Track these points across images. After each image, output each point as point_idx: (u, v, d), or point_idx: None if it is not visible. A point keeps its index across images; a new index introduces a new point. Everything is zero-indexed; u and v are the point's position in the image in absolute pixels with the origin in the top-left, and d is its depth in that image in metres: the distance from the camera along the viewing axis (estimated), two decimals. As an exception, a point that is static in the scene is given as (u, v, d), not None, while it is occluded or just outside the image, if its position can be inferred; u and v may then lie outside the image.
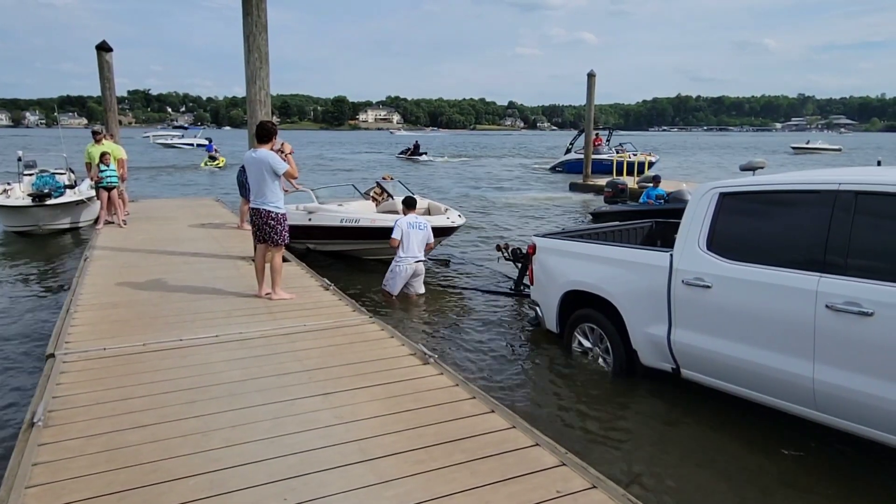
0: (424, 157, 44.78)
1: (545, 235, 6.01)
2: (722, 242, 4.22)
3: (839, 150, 56.59)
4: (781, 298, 3.73)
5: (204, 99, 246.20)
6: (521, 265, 8.15)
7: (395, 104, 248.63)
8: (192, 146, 55.74)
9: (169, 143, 59.72)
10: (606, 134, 32.82)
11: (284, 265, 6.91)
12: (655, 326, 4.58)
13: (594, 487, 2.86)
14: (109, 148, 11.60)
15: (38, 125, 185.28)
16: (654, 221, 6.73)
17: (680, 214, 4.65)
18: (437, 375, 4.30)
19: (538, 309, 5.91)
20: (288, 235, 6.44)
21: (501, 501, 2.76)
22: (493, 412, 3.69)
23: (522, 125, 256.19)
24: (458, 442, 3.30)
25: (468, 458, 3.13)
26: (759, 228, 4.10)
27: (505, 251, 8.41)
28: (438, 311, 7.55)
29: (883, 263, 3.37)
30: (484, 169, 37.17)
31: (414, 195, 10.96)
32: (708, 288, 4.17)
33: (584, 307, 5.35)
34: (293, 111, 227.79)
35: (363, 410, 3.71)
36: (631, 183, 16.36)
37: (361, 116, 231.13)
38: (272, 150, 6.25)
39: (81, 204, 12.66)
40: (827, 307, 3.48)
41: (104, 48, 13.13)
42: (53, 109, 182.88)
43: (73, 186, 13.31)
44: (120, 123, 13.88)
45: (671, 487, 3.58)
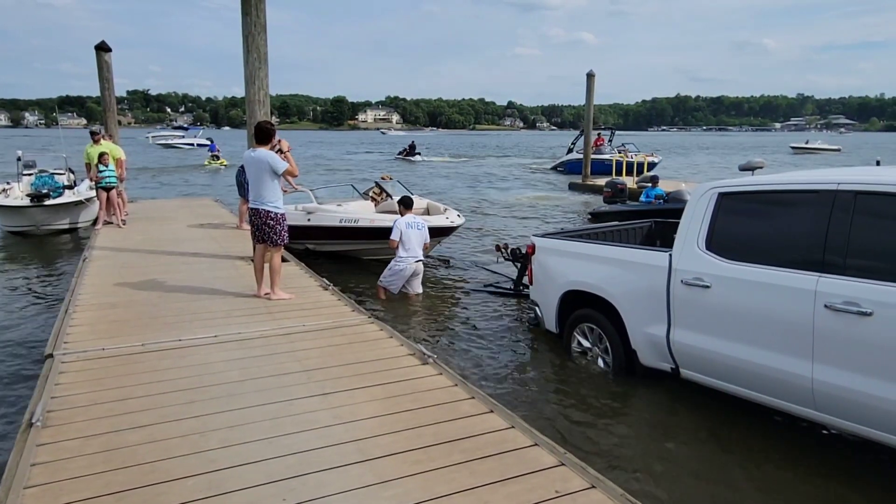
0: (418, 157, 44.22)
1: (544, 235, 6.02)
2: (721, 242, 4.22)
3: (838, 149, 56.61)
4: (780, 298, 3.73)
5: (203, 99, 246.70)
6: (520, 265, 8.15)
7: (394, 104, 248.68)
8: (192, 146, 55.68)
9: (169, 143, 59.59)
10: (609, 134, 32.45)
11: (283, 265, 6.91)
12: (654, 326, 4.58)
13: (593, 487, 2.86)
14: (108, 148, 11.58)
15: (37, 125, 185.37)
16: (653, 221, 6.73)
17: (679, 214, 4.66)
18: (436, 375, 4.30)
19: (537, 309, 5.91)
20: (287, 235, 6.44)
21: (500, 501, 2.75)
22: (491, 412, 3.69)
23: (522, 125, 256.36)
24: (456, 442, 3.30)
25: (467, 458, 3.13)
26: (758, 228, 4.10)
27: (504, 251, 8.40)
28: (437, 311, 7.55)
29: (882, 263, 3.37)
30: (482, 169, 37.15)
31: (412, 195, 11.00)
32: (707, 288, 4.17)
33: (583, 307, 5.35)
34: (292, 111, 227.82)
35: (362, 410, 3.70)
36: (630, 183, 16.36)
37: (361, 117, 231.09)
38: (272, 149, 6.27)
39: (80, 204, 12.62)
40: (826, 307, 3.48)
41: (103, 48, 13.12)
42: (53, 110, 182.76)
43: (72, 187, 13.29)
44: (119, 124, 13.87)
45: (670, 487, 3.58)
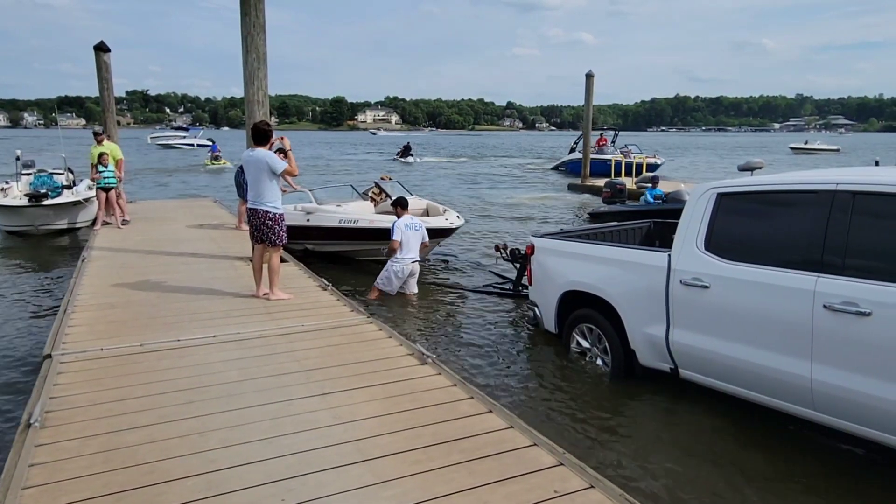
0: (411, 158, 43.20)
1: (544, 236, 6.01)
2: (720, 242, 4.22)
3: (837, 150, 56.67)
4: (779, 298, 3.73)
5: (202, 99, 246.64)
6: (519, 265, 8.15)
7: (393, 104, 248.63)
8: (192, 146, 55.69)
9: (169, 143, 59.58)
10: (612, 135, 31.91)
11: (282, 265, 6.91)
12: (654, 326, 4.58)
13: (592, 487, 2.86)
14: (109, 149, 11.60)
15: (36, 125, 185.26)
16: (652, 222, 6.73)
17: (678, 215, 4.66)
18: (435, 375, 4.30)
19: (536, 309, 5.91)
20: (286, 236, 6.44)
21: (499, 501, 2.75)
22: (490, 412, 3.69)
23: (521, 125, 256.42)
24: (456, 442, 3.30)
25: (466, 458, 3.13)
26: (757, 228, 4.10)
27: (503, 251, 8.40)
28: (436, 311, 7.55)
29: (881, 263, 3.37)
30: (481, 170, 37.14)
31: (412, 195, 11.00)
32: (706, 288, 4.17)
33: (582, 307, 5.35)
34: (291, 112, 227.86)
35: (361, 410, 3.70)
36: (629, 184, 16.37)
37: (360, 117, 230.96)
38: (270, 148, 6.28)
39: (79, 204, 12.60)
40: (825, 307, 3.49)
41: (102, 49, 13.09)
42: (52, 110, 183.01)
43: (70, 187, 13.28)
44: (118, 124, 13.86)
45: (669, 487, 3.58)
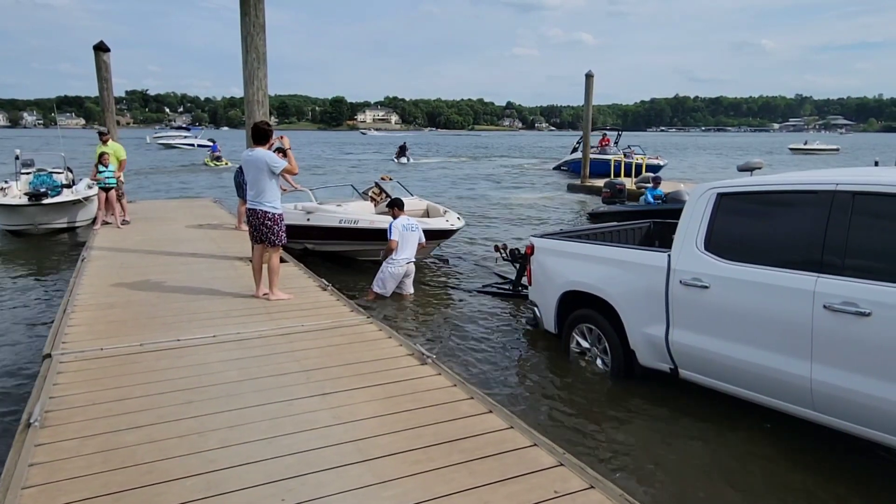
0: (404, 160, 42.50)
1: (543, 236, 6.01)
2: (719, 243, 4.22)
3: (837, 149, 56.70)
4: (779, 299, 3.73)
5: (202, 99, 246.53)
6: (519, 265, 8.15)
7: (393, 104, 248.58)
8: (192, 146, 55.77)
9: (171, 143, 59.60)
10: (615, 135, 31.36)
11: (282, 265, 6.90)
12: (653, 327, 4.58)
13: (592, 488, 2.86)
14: (113, 149, 11.63)
15: (35, 125, 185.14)
16: (651, 222, 6.73)
17: (678, 215, 4.66)
18: (435, 376, 4.30)
19: (536, 309, 5.91)
20: (285, 236, 6.43)
21: (500, 501, 2.75)
22: (491, 412, 3.68)
23: (521, 125, 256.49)
24: (456, 442, 3.30)
25: (466, 458, 3.12)
26: (756, 229, 4.11)
27: (503, 251, 8.40)
28: (436, 311, 7.55)
29: (880, 264, 3.37)
30: (481, 170, 37.15)
31: (412, 196, 11.01)
32: (706, 288, 4.17)
33: (582, 307, 5.35)
34: (291, 112, 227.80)
35: (361, 411, 3.70)
36: (629, 184, 16.38)
37: (360, 117, 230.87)
38: (270, 148, 6.28)
39: (78, 203, 12.62)
40: (824, 307, 3.49)
41: (102, 48, 13.11)
42: (51, 110, 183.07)
43: (70, 186, 13.29)
44: (118, 124, 13.87)
45: (669, 487, 3.58)
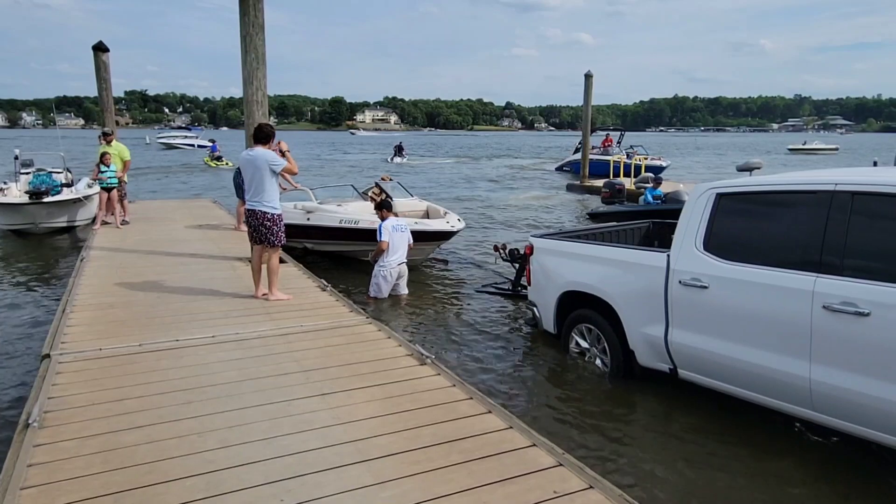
0: (398, 160, 42.35)
1: (543, 236, 6.01)
2: (719, 243, 4.22)
3: (836, 149, 56.74)
4: (778, 299, 3.73)
5: (201, 99, 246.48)
6: (518, 265, 8.15)
7: (392, 105, 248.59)
8: (192, 147, 55.85)
9: (172, 143, 59.63)
10: (618, 136, 30.89)
11: (281, 266, 6.90)
12: (652, 327, 4.58)
13: (591, 488, 2.86)
14: (117, 149, 11.64)
15: (34, 126, 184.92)
16: (651, 222, 6.73)
17: (677, 215, 4.66)
18: (434, 376, 4.30)
19: (535, 309, 5.91)
20: (284, 236, 6.43)
21: (499, 502, 2.75)
22: (490, 413, 3.68)
23: (520, 126, 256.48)
24: (455, 442, 3.30)
25: (465, 458, 3.13)
26: (755, 229, 4.11)
27: (502, 251, 8.40)
28: (436, 311, 7.54)
29: (879, 264, 3.37)
30: (480, 170, 37.14)
31: (412, 197, 11.01)
32: (705, 288, 4.18)
33: (581, 308, 5.35)
34: (290, 112, 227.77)
35: (360, 411, 3.70)
36: (628, 184, 16.38)
37: (359, 117, 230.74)
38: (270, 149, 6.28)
39: (78, 202, 12.64)
40: (824, 307, 3.49)
41: (100, 49, 13.11)
42: (50, 110, 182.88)
43: (70, 185, 13.29)
44: (117, 124, 13.86)
45: (668, 487, 3.58)
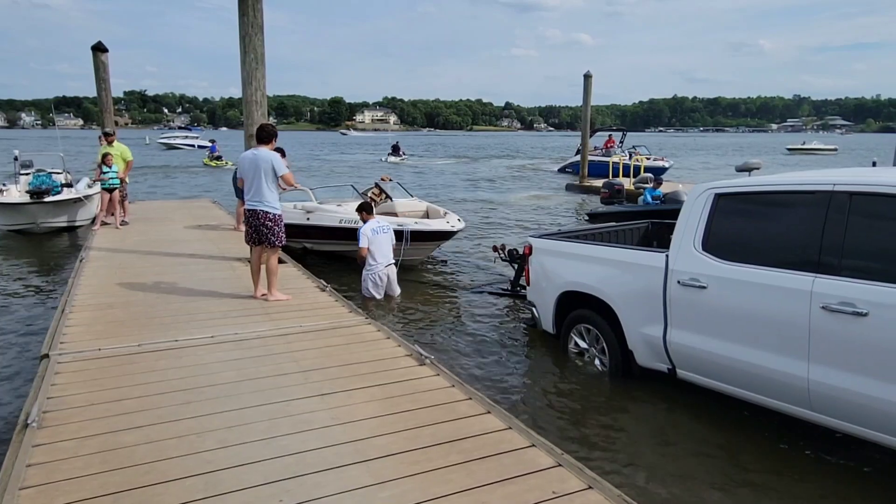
0: (391, 159, 42.31)
1: (541, 236, 6.01)
2: (717, 243, 4.22)
3: (835, 150, 56.75)
4: (776, 299, 3.74)
5: (200, 100, 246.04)
6: (517, 266, 8.16)
7: (391, 105, 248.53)
8: (193, 147, 55.90)
9: (173, 143, 59.63)
10: (620, 136, 30.59)
11: (281, 266, 6.89)
12: (651, 327, 4.58)
13: (590, 488, 2.86)
14: (119, 150, 11.65)
15: (34, 126, 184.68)
16: (649, 222, 6.73)
17: (676, 215, 4.66)
18: (433, 376, 4.30)
19: (534, 310, 5.91)
20: (284, 237, 6.42)
21: (498, 502, 2.76)
22: (489, 413, 3.69)
23: (519, 126, 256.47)
24: (454, 443, 3.30)
25: (464, 458, 3.13)
26: (754, 229, 4.11)
27: (501, 252, 8.41)
28: (435, 311, 7.55)
29: (877, 264, 3.38)
30: (479, 170, 37.13)
31: (412, 197, 11.01)
32: (703, 288, 4.18)
33: (580, 308, 5.36)
34: (290, 112, 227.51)
35: (359, 411, 3.70)
36: (627, 184, 16.39)
37: (358, 117, 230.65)
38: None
39: (79, 202, 12.67)
40: (822, 307, 3.49)
41: (100, 49, 13.11)
42: (49, 110, 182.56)
43: (70, 185, 13.29)
44: (116, 124, 13.86)
45: (667, 487, 3.58)
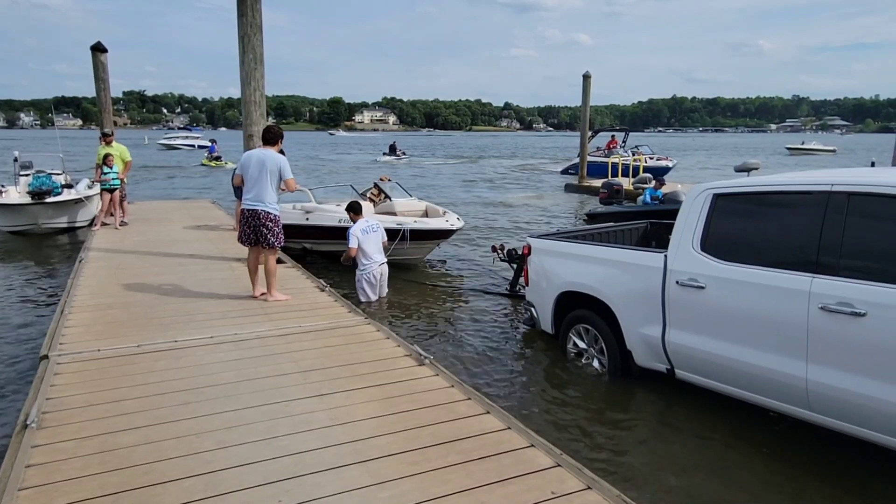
0: (387, 158, 42.44)
1: (540, 236, 6.02)
2: (716, 243, 4.23)
3: (833, 150, 56.78)
4: (775, 299, 3.74)
5: (199, 100, 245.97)
6: (516, 266, 8.16)
7: (391, 105, 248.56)
8: (192, 147, 55.91)
9: (173, 143, 59.63)
10: (623, 136, 30.09)
11: (281, 266, 6.89)
12: (650, 327, 4.59)
13: (589, 488, 2.86)
14: (118, 150, 11.64)
15: (32, 126, 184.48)
16: (648, 222, 6.74)
17: (674, 215, 4.67)
18: (432, 377, 4.30)
19: (533, 310, 5.91)
20: (283, 237, 6.40)
21: (497, 502, 2.76)
22: (488, 413, 3.69)
23: (518, 126, 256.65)
24: (453, 443, 3.30)
25: (463, 459, 3.13)
26: (752, 229, 4.11)
27: (500, 252, 8.41)
28: (434, 312, 7.55)
29: (875, 264, 3.38)
30: (479, 171, 37.14)
31: (411, 197, 11.00)
32: (702, 289, 4.19)
33: (579, 308, 5.36)
34: (289, 112, 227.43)
35: (359, 411, 3.70)
36: (626, 184, 16.40)
37: (357, 117, 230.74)
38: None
39: (79, 203, 12.66)
40: (820, 308, 3.50)
41: (99, 49, 13.11)
42: (48, 110, 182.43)
43: (70, 186, 13.29)
44: (115, 124, 13.85)
45: (666, 488, 3.59)
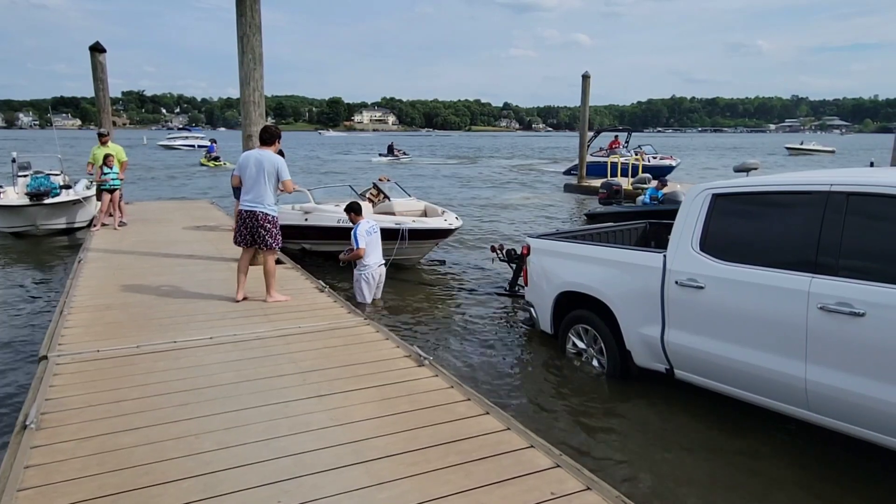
0: (380, 158, 42.90)
1: (539, 236, 6.02)
2: (715, 243, 4.23)
3: (833, 151, 56.82)
4: (774, 299, 3.75)
5: (198, 100, 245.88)
6: (515, 266, 8.16)
7: (390, 105, 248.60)
8: (192, 147, 55.92)
9: (173, 144, 59.59)
10: (625, 136, 29.92)
11: (279, 267, 6.88)
12: (649, 327, 4.59)
13: (588, 489, 2.86)
14: (114, 150, 11.63)
15: (31, 126, 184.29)
16: (647, 222, 6.75)
17: (673, 215, 4.67)
18: (431, 377, 4.30)
19: (532, 310, 5.92)
20: (281, 238, 6.39)
21: (496, 503, 2.76)
22: (487, 414, 3.69)
23: (518, 126, 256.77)
24: (452, 444, 3.30)
25: (463, 459, 3.13)
26: (751, 229, 4.11)
27: (499, 252, 8.41)
28: (433, 312, 7.55)
29: (874, 264, 3.39)
30: (478, 171, 37.15)
31: (410, 197, 11.01)
32: (701, 289, 4.19)
33: (578, 308, 5.36)
34: (288, 112, 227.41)
35: (358, 412, 3.70)
36: (625, 184, 16.41)
37: (357, 118, 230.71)
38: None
39: (77, 204, 12.64)
40: (819, 308, 3.50)
41: (97, 49, 13.11)
42: (47, 110, 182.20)
43: (69, 187, 13.27)
44: (114, 125, 13.85)
45: (665, 488, 3.59)
